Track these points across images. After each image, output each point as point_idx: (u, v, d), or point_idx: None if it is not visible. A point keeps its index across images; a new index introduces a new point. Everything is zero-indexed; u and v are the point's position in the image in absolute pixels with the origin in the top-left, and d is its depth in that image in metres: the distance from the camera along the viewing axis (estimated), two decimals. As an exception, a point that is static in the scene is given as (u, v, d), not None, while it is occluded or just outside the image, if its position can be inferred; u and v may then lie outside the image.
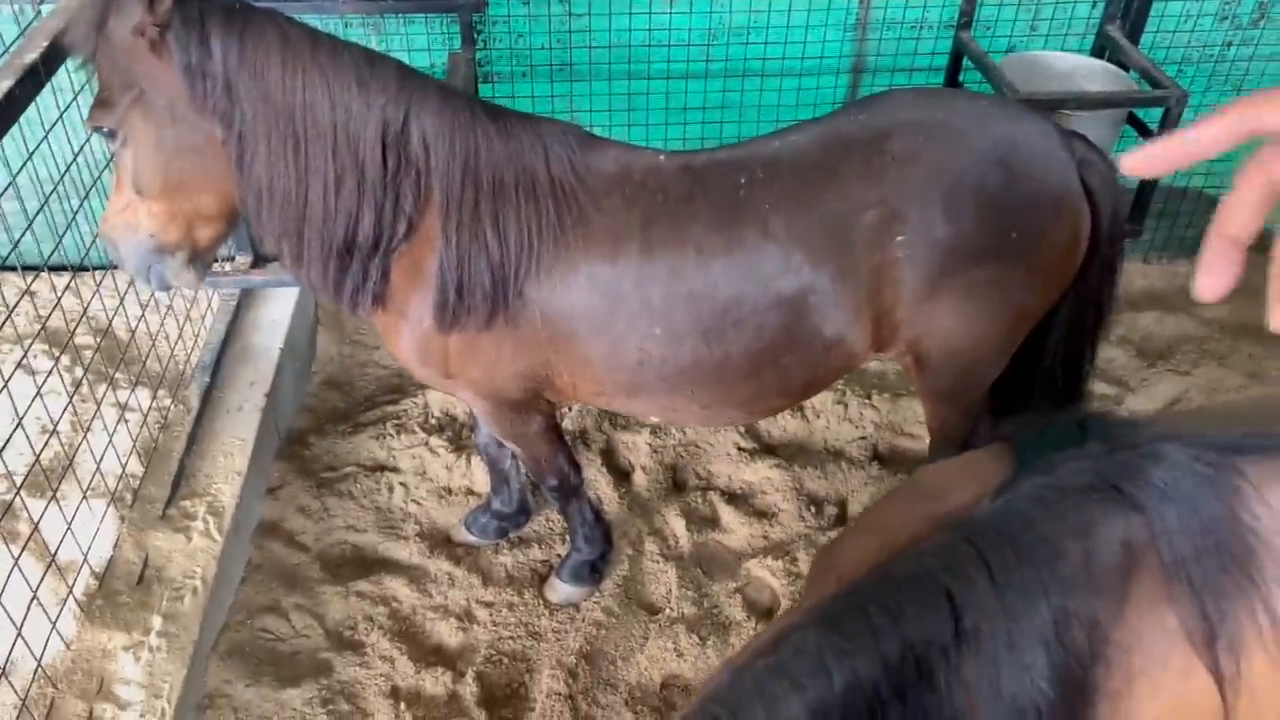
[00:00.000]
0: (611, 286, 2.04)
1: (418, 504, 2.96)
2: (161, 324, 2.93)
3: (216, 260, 3.08)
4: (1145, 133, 3.03)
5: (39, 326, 2.51)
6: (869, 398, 3.27)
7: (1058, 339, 2.32)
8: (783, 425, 3.21)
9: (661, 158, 2.11)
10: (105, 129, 1.92)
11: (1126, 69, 3.09)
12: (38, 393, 2.28)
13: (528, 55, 3.22)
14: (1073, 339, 2.36)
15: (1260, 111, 0.79)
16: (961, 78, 3.24)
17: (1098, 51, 3.24)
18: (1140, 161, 0.85)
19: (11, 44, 2.16)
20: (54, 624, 2.21)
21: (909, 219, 1.98)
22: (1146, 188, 3.01)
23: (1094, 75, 3.07)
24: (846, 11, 3.21)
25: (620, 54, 3.22)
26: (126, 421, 2.69)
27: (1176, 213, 3.70)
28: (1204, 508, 1.06)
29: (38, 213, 2.22)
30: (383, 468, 3.05)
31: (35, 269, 2.52)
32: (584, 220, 2.04)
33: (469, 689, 2.48)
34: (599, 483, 3.01)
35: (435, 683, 2.50)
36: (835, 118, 2.11)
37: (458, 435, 3.15)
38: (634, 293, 2.04)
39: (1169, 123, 2.87)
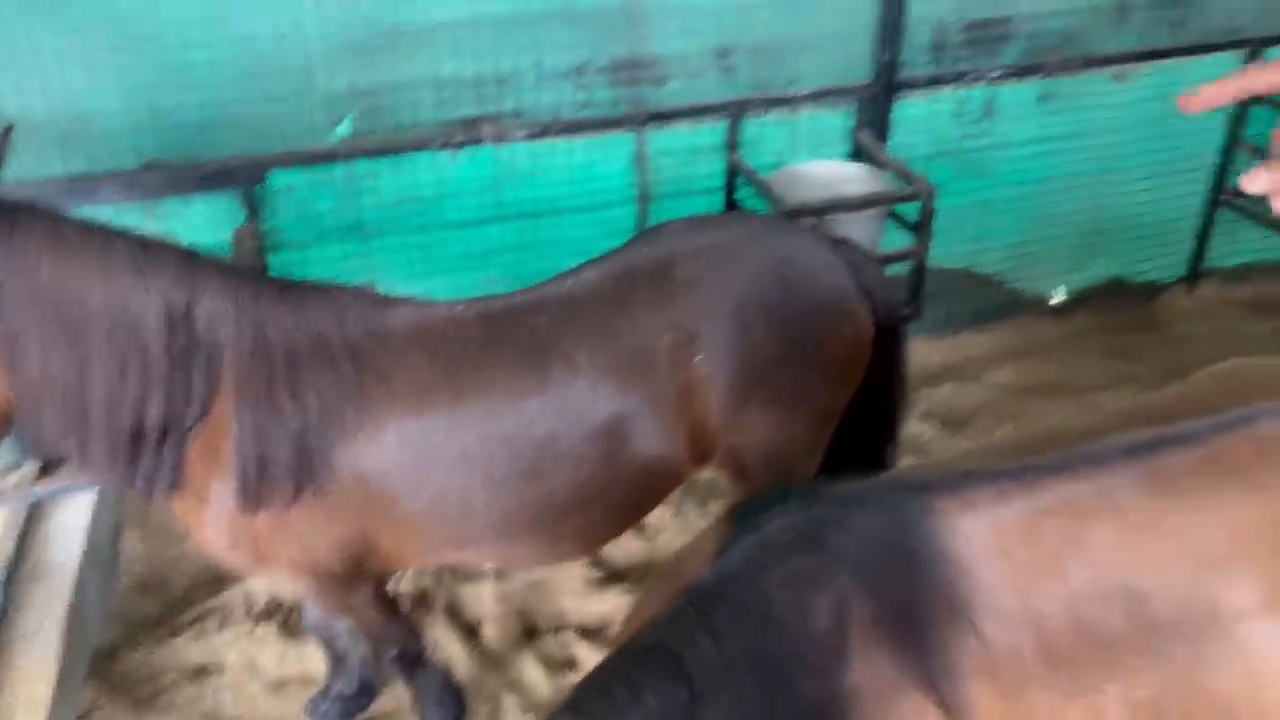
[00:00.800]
0: (423, 440, 2.02)
1: (250, 702, 2.74)
2: (-65, 554, 2.66)
3: (-4, 474, 2.86)
4: (906, 225, 3.31)
5: None
6: (705, 505, 3.32)
7: (861, 426, 2.44)
8: (625, 548, 3.20)
9: (459, 308, 2.13)
10: None
11: (883, 170, 3.38)
12: None
13: (316, 220, 3.21)
14: (874, 424, 2.50)
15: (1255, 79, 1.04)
16: (738, 195, 3.45)
17: (854, 157, 3.54)
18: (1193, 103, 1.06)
19: None
20: None
21: (703, 339, 2.07)
22: (918, 274, 3.27)
23: (855, 179, 3.35)
24: (624, 146, 3.38)
25: (410, 208, 3.26)
26: (-101, 671, 2.40)
27: (951, 290, 4.02)
28: (903, 547, 1.13)
29: None
30: (207, 670, 2.82)
31: None
32: (386, 379, 2.02)
33: None
34: (446, 643, 2.89)
35: None
36: (622, 252, 2.21)
37: (287, 619, 2.97)
38: (447, 443, 2.02)
39: (925, 214, 3.15)
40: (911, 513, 1.15)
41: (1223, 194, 4.07)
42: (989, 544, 1.16)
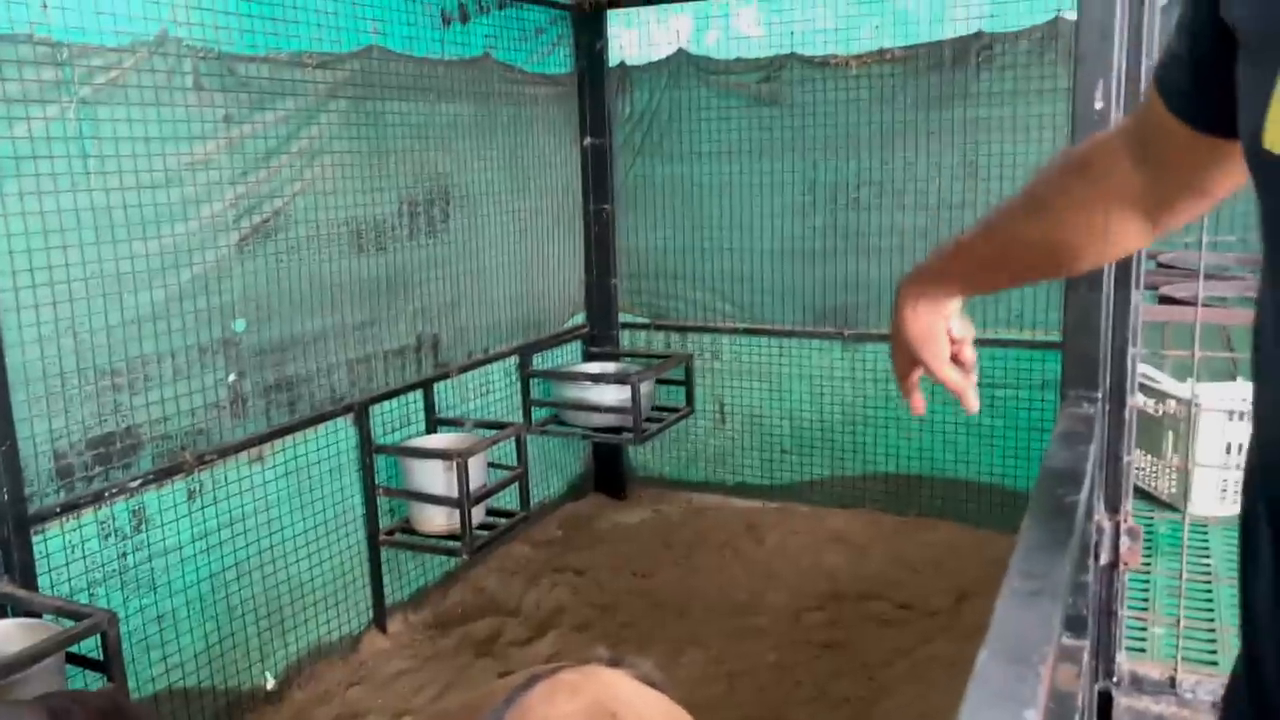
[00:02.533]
0: None
1: None
2: None
3: None
4: (91, 664, 2.88)
5: None
6: None
7: None
8: None
9: None
10: None
11: (41, 614, 2.91)
12: None
13: None
14: None
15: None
16: None
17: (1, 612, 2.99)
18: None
19: None
20: None
21: None
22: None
23: (11, 637, 2.81)
24: None
25: None
26: None
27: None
28: None
29: None
30: None
31: None
32: None
33: None
34: None
35: None
36: None
37: None
38: None
39: (111, 646, 2.78)
40: None
41: (379, 537, 4.50)
42: None
